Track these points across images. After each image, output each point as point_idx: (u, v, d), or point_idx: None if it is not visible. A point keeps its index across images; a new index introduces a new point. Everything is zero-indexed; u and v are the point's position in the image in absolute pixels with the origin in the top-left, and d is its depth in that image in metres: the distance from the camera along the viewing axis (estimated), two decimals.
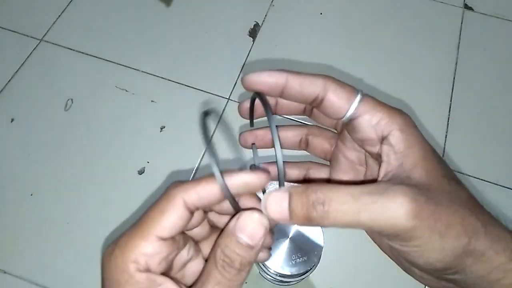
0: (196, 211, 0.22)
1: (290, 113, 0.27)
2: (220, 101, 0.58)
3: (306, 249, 0.39)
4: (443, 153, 0.56)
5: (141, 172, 0.54)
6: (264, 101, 0.23)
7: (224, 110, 0.58)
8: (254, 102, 0.25)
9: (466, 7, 0.68)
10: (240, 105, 0.26)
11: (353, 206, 0.19)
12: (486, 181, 0.54)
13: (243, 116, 0.27)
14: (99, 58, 0.62)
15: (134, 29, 0.65)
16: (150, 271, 0.20)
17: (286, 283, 0.43)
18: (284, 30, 0.65)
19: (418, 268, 0.22)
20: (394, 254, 0.23)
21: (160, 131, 0.56)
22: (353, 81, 0.61)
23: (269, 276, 0.42)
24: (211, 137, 0.56)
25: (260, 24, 0.66)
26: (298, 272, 0.39)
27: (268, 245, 0.24)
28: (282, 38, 0.64)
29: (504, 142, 0.57)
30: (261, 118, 0.26)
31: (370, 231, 0.24)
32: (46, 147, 0.55)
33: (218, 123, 0.23)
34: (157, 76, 0.61)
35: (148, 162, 0.54)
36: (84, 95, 0.59)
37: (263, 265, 0.40)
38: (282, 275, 0.39)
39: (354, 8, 0.68)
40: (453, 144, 0.56)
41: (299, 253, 0.39)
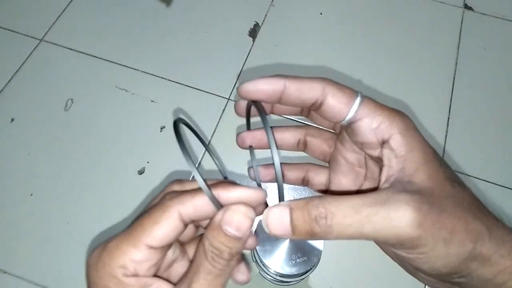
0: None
1: (287, 114, 0.27)
2: (220, 101, 0.58)
3: (306, 249, 0.39)
4: (443, 153, 0.56)
5: (141, 172, 0.54)
6: (261, 111, 0.22)
7: (224, 110, 0.58)
8: (250, 107, 0.25)
9: (466, 7, 0.68)
10: (237, 104, 0.26)
11: (356, 219, 0.19)
12: (486, 181, 0.54)
13: (239, 115, 0.26)
14: (99, 58, 0.62)
15: (134, 29, 0.65)
16: (138, 276, 0.20)
17: (286, 283, 0.43)
18: (284, 30, 0.65)
19: (423, 273, 0.22)
20: (399, 259, 0.23)
21: (160, 131, 0.56)
22: (353, 81, 0.61)
23: (269, 276, 0.42)
24: (208, 143, 0.56)
25: (260, 24, 0.66)
26: (298, 272, 0.39)
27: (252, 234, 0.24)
28: (282, 38, 0.64)
29: (505, 141, 0.57)
30: (258, 117, 0.26)
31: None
32: (46, 147, 0.55)
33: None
34: (157, 76, 0.61)
35: (148, 162, 0.54)
36: (84, 95, 0.59)
37: (263, 265, 0.40)
38: (282, 275, 0.39)
39: (354, 8, 0.68)
40: (454, 144, 0.56)
41: (299, 253, 0.39)
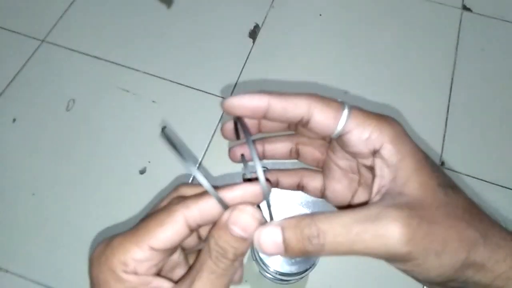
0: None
1: (274, 131, 0.26)
2: (226, 97, 0.59)
3: None
4: (441, 153, 0.56)
5: (142, 172, 0.54)
6: (244, 128, 0.22)
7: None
8: (237, 124, 0.25)
9: (464, 8, 0.68)
10: (223, 127, 0.26)
11: (346, 238, 0.20)
12: (485, 181, 0.54)
13: (227, 138, 0.26)
14: (101, 59, 0.62)
15: (135, 30, 0.65)
16: (137, 274, 0.20)
17: (286, 282, 0.44)
18: (284, 31, 0.66)
19: (420, 282, 0.22)
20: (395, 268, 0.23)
21: (161, 132, 0.57)
22: (352, 80, 0.61)
23: (269, 275, 0.42)
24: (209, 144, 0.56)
25: (260, 26, 0.66)
26: (297, 271, 0.39)
27: None
28: (282, 39, 0.65)
29: (503, 142, 0.57)
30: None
31: None
32: (48, 147, 0.55)
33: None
34: (158, 76, 0.61)
35: (149, 162, 0.54)
36: (86, 95, 0.59)
37: (263, 263, 0.40)
38: (282, 274, 0.40)
39: (353, 9, 0.68)
40: (452, 144, 0.57)
41: None
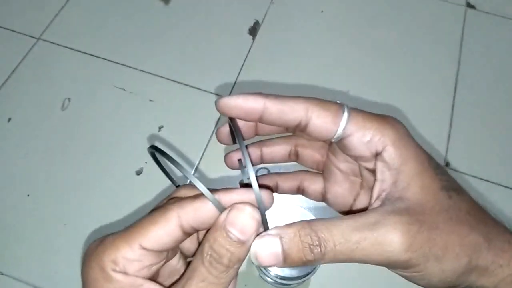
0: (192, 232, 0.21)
1: (272, 133, 0.25)
2: (221, 96, 0.58)
3: None
4: (446, 154, 0.55)
5: (139, 172, 0.53)
6: (236, 129, 0.21)
7: None
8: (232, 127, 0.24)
9: (469, 5, 0.67)
10: (218, 131, 0.25)
11: (345, 246, 0.19)
12: (490, 181, 0.53)
13: (222, 143, 0.25)
14: (97, 56, 0.61)
15: (132, 27, 0.64)
16: (126, 274, 0.20)
17: (287, 286, 0.43)
18: (284, 28, 0.65)
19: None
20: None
21: (158, 131, 0.56)
22: (354, 78, 0.60)
23: (269, 279, 0.41)
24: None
25: (260, 22, 0.65)
26: (299, 275, 0.38)
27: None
28: (282, 36, 0.64)
29: (509, 141, 0.56)
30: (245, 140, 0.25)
31: None
32: (43, 147, 0.54)
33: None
34: (155, 75, 0.60)
35: (146, 163, 0.53)
36: (82, 94, 0.58)
37: (263, 267, 0.39)
38: (283, 278, 0.39)
39: (355, 6, 0.67)
40: (457, 145, 0.56)
41: None
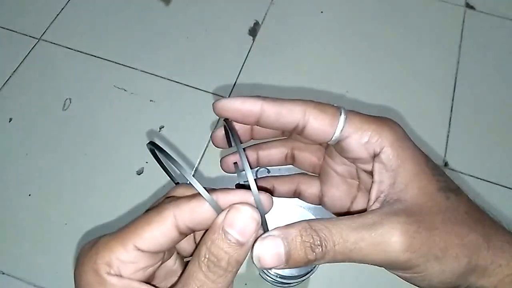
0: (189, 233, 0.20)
1: (268, 137, 0.25)
2: (218, 98, 0.58)
3: None
4: (445, 154, 0.55)
5: (139, 172, 0.53)
6: (232, 130, 0.21)
7: None
8: (228, 129, 0.24)
9: (468, 6, 0.67)
10: (213, 134, 0.25)
11: (344, 246, 0.19)
12: (489, 181, 0.53)
13: (217, 146, 0.25)
14: (98, 57, 0.61)
15: (133, 27, 0.64)
16: (121, 277, 0.19)
17: (286, 285, 0.43)
18: (285, 28, 0.65)
19: None
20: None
21: (159, 131, 0.56)
22: (354, 79, 0.60)
23: (269, 278, 0.41)
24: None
25: (260, 23, 0.65)
26: (298, 274, 0.38)
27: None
28: (282, 36, 0.64)
29: (508, 142, 0.56)
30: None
31: None
32: (44, 147, 0.55)
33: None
34: (156, 75, 0.60)
35: (146, 163, 0.54)
36: (82, 94, 0.58)
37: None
38: (283, 277, 0.39)
39: (354, 6, 0.67)
40: (455, 144, 0.56)
41: None
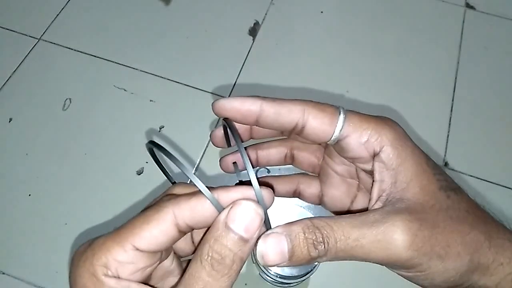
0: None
1: (267, 137, 0.25)
2: (217, 98, 0.58)
3: None
4: (445, 154, 0.55)
5: (139, 172, 0.53)
6: (232, 129, 0.21)
7: None
8: (227, 128, 0.23)
9: (468, 6, 0.67)
10: (212, 134, 0.25)
11: (345, 243, 0.19)
12: (489, 181, 0.53)
13: (216, 146, 0.25)
14: (98, 57, 0.61)
15: (133, 27, 0.64)
16: (119, 279, 0.18)
17: (286, 285, 0.43)
18: (285, 28, 0.65)
19: None
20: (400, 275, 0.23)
21: (159, 131, 0.56)
22: (354, 79, 0.60)
23: (269, 278, 0.41)
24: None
25: (260, 23, 0.65)
26: (298, 274, 0.38)
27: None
28: (282, 36, 0.64)
29: (508, 141, 0.56)
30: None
31: None
32: (44, 147, 0.55)
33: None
34: (156, 75, 0.60)
35: (146, 163, 0.54)
36: (82, 94, 0.58)
37: (263, 266, 0.39)
38: (283, 277, 0.39)
39: (354, 6, 0.67)
40: (455, 144, 0.56)
41: None
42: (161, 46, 0.63)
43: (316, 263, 0.39)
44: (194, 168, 0.53)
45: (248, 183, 0.19)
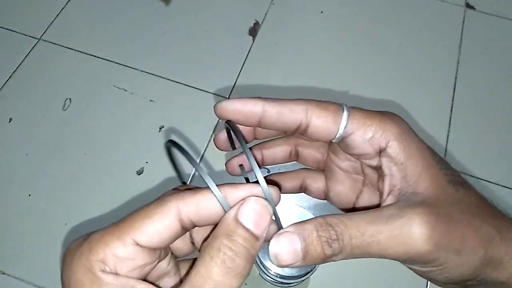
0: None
1: (270, 136, 0.25)
2: (220, 100, 0.58)
3: None
4: (445, 153, 0.55)
5: (139, 172, 0.53)
6: (236, 131, 0.21)
7: None
8: (230, 131, 0.23)
9: (468, 6, 0.67)
10: (216, 138, 0.25)
11: (361, 240, 0.19)
12: (489, 181, 0.53)
13: (220, 149, 0.25)
14: (98, 57, 0.61)
15: (133, 27, 0.64)
16: (117, 275, 0.17)
17: (286, 285, 0.43)
18: (285, 28, 0.65)
19: (439, 283, 0.21)
20: (413, 271, 0.22)
21: (159, 131, 0.56)
22: (355, 78, 0.60)
23: (269, 278, 0.41)
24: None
25: (260, 23, 0.65)
26: (298, 274, 0.38)
27: (268, 237, 0.21)
28: (282, 36, 0.64)
29: (508, 141, 0.56)
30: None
31: None
32: (44, 147, 0.54)
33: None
34: (156, 75, 0.60)
35: (146, 163, 0.54)
36: (82, 94, 0.58)
37: (263, 266, 0.39)
38: (283, 277, 0.39)
39: (354, 6, 0.67)
40: (455, 144, 0.56)
41: None
42: (161, 46, 0.63)
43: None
44: (194, 170, 0.53)
45: (254, 183, 0.19)
